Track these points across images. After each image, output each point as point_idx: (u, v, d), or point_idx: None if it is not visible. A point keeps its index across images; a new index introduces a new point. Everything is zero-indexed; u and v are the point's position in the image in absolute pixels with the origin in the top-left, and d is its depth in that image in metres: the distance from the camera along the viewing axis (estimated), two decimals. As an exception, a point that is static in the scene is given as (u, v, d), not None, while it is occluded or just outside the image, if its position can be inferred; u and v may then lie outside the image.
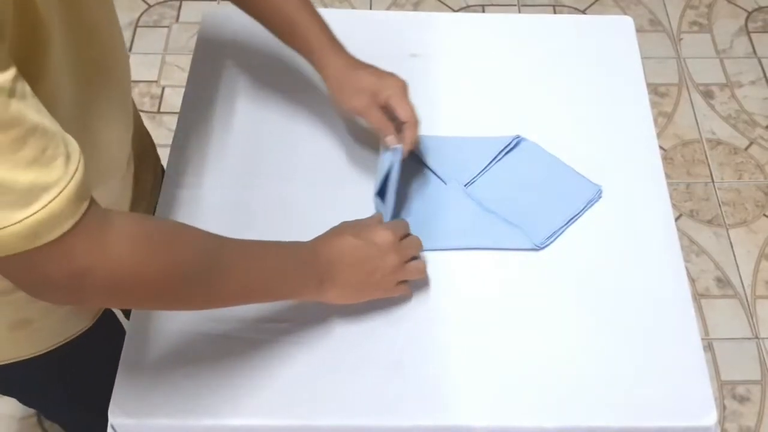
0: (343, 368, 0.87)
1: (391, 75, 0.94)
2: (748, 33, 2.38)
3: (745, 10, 2.43)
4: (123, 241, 0.64)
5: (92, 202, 0.62)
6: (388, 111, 0.93)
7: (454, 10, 2.40)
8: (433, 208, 0.98)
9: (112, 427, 0.84)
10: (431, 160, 1.02)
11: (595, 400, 0.85)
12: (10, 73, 0.55)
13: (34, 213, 0.56)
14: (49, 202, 0.57)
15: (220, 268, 0.73)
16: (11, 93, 0.55)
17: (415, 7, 2.41)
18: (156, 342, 0.88)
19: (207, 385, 0.85)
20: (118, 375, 0.86)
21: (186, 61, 1.12)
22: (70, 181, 0.58)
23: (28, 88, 0.58)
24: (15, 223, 0.56)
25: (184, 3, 2.39)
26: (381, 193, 0.94)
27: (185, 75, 1.12)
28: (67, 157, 0.59)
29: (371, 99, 0.92)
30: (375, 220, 0.89)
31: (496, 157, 1.02)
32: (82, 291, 0.65)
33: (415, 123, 0.93)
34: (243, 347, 0.88)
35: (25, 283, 0.64)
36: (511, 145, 1.03)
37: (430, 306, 0.91)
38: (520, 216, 0.97)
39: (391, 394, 0.85)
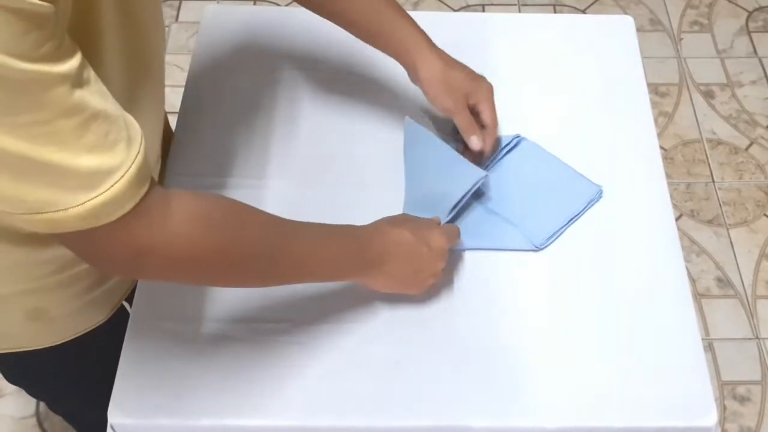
0: (343, 368, 0.87)
1: (483, 78, 0.98)
2: (749, 33, 2.38)
3: (746, 10, 2.43)
4: (181, 222, 0.66)
5: (153, 182, 0.64)
6: (473, 111, 0.97)
7: (454, 10, 2.40)
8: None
9: (112, 427, 0.84)
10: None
11: (595, 400, 0.85)
12: (76, 59, 0.57)
13: (97, 196, 0.58)
14: (112, 185, 0.59)
15: (276, 251, 0.75)
16: (76, 80, 0.56)
17: (415, 7, 2.41)
18: (156, 342, 0.88)
19: (207, 385, 0.85)
20: (117, 375, 0.86)
21: (185, 60, 1.12)
22: (131, 165, 0.60)
23: (92, 74, 0.59)
24: (78, 205, 0.58)
25: (183, 3, 2.39)
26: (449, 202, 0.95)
27: (185, 75, 1.12)
28: (129, 141, 0.60)
29: (463, 100, 0.96)
30: (434, 222, 0.91)
31: (496, 157, 1.02)
32: (141, 267, 0.70)
33: (496, 128, 0.98)
34: (243, 347, 0.88)
35: (87, 257, 0.68)
36: (512, 145, 1.03)
37: (430, 306, 0.91)
38: (520, 216, 0.97)
39: (391, 394, 0.85)
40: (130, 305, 1.07)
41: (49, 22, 0.54)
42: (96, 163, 0.58)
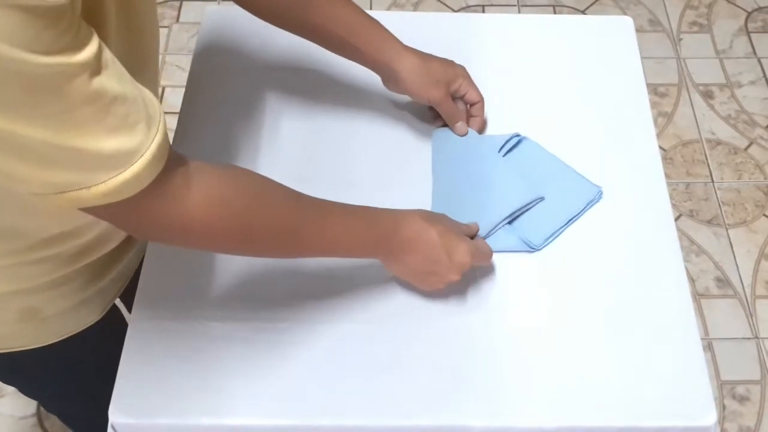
0: (343, 368, 0.87)
1: (455, 63, 1.02)
2: (748, 33, 2.38)
3: (745, 11, 2.43)
4: (197, 204, 0.69)
5: (174, 158, 0.66)
6: (454, 96, 1.02)
7: (454, 10, 2.40)
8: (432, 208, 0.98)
9: (113, 427, 0.84)
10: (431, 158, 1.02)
11: (595, 400, 0.85)
12: (94, 44, 0.58)
13: (119, 174, 0.61)
14: (132, 164, 0.61)
15: (295, 231, 0.78)
16: (95, 67, 0.58)
17: (415, 7, 2.41)
18: (156, 342, 0.88)
19: (207, 385, 0.85)
20: (118, 374, 0.86)
21: (186, 61, 1.12)
22: (151, 144, 0.62)
23: (109, 55, 0.60)
24: (100, 183, 0.61)
25: (184, 3, 2.39)
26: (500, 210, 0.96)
27: (185, 75, 1.12)
28: (149, 120, 0.62)
29: (446, 89, 1.00)
30: (468, 232, 0.91)
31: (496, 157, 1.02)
32: (158, 238, 0.78)
33: (483, 103, 1.03)
34: (243, 347, 0.88)
35: (114, 225, 0.71)
36: (512, 144, 1.03)
37: (430, 307, 0.91)
38: (520, 216, 0.97)
39: (391, 394, 0.85)
40: (125, 305, 1.07)
41: (66, 14, 0.54)
42: (117, 144, 0.60)
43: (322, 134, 1.06)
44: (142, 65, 0.82)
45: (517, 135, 1.03)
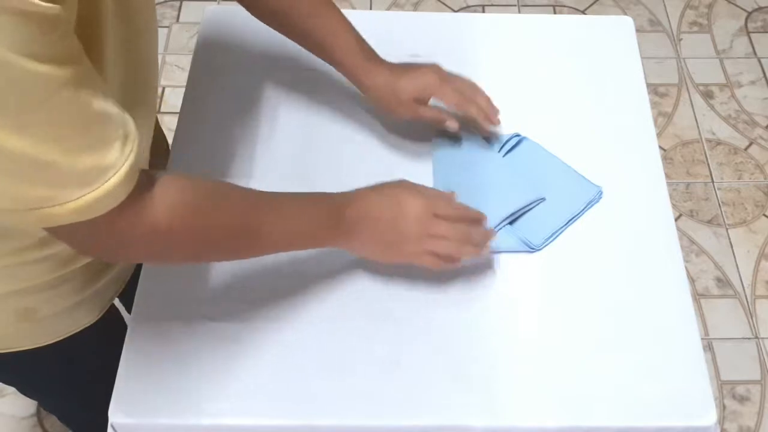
0: (343, 368, 0.87)
1: (424, 71, 0.97)
2: (748, 33, 2.38)
3: (745, 11, 2.43)
4: (162, 211, 0.69)
5: (143, 175, 0.66)
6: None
7: (454, 10, 2.40)
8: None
9: (113, 427, 0.84)
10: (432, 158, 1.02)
11: (595, 400, 0.85)
12: (83, 61, 0.59)
13: (92, 191, 0.61)
14: (106, 181, 0.61)
15: (254, 229, 0.78)
16: (82, 82, 0.58)
17: (415, 7, 2.41)
18: (157, 342, 0.88)
19: (207, 385, 0.85)
20: (118, 374, 0.86)
21: (186, 61, 1.12)
22: (125, 162, 0.62)
23: (95, 74, 0.61)
24: (73, 200, 0.60)
25: (184, 3, 2.39)
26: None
27: (185, 75, 1.12)
28: (125, 138, 0.62)
29: (417, 104, 0.97)
30: (424, 190, 0.88)
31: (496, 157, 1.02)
32: (127, 254, 0.75)
33: (467, 100, 0.97)
34: (243, 348, 0.88)
35: (75, 247, 0.71)
36: (512, 144, 1.03)
37: (430, 306, 0.91)
38: (521, 217, 0.97)
39: (390, 394, 0.85)
40: (124, 306, 1.07)
41: (59, 24, 0.55)
42: (93, 161, 0.60)
43: (322, 134, 1.06)
44: (143, 73, 0.83)
45: (517, 135, 1.03)
